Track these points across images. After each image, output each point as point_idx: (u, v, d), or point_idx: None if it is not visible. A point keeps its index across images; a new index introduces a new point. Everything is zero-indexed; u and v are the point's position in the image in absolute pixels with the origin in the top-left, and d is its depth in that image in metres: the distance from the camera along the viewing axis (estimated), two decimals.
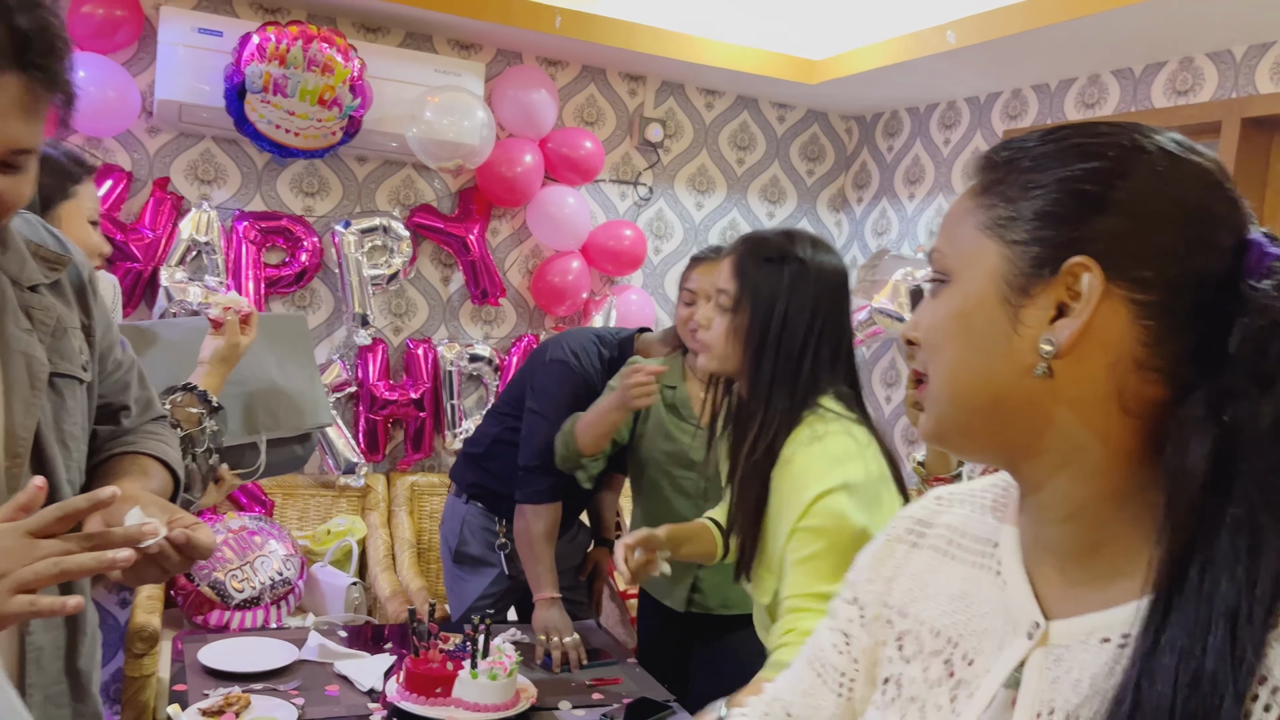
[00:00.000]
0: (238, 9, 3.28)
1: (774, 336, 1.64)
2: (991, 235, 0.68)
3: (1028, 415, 0.67)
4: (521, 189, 3.55)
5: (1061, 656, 0.66)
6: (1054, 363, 0.65)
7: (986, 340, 0.68)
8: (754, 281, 1.66)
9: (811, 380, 1.65)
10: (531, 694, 1.94)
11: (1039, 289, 0.66)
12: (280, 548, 3.04)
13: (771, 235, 1.72)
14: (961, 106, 3.78)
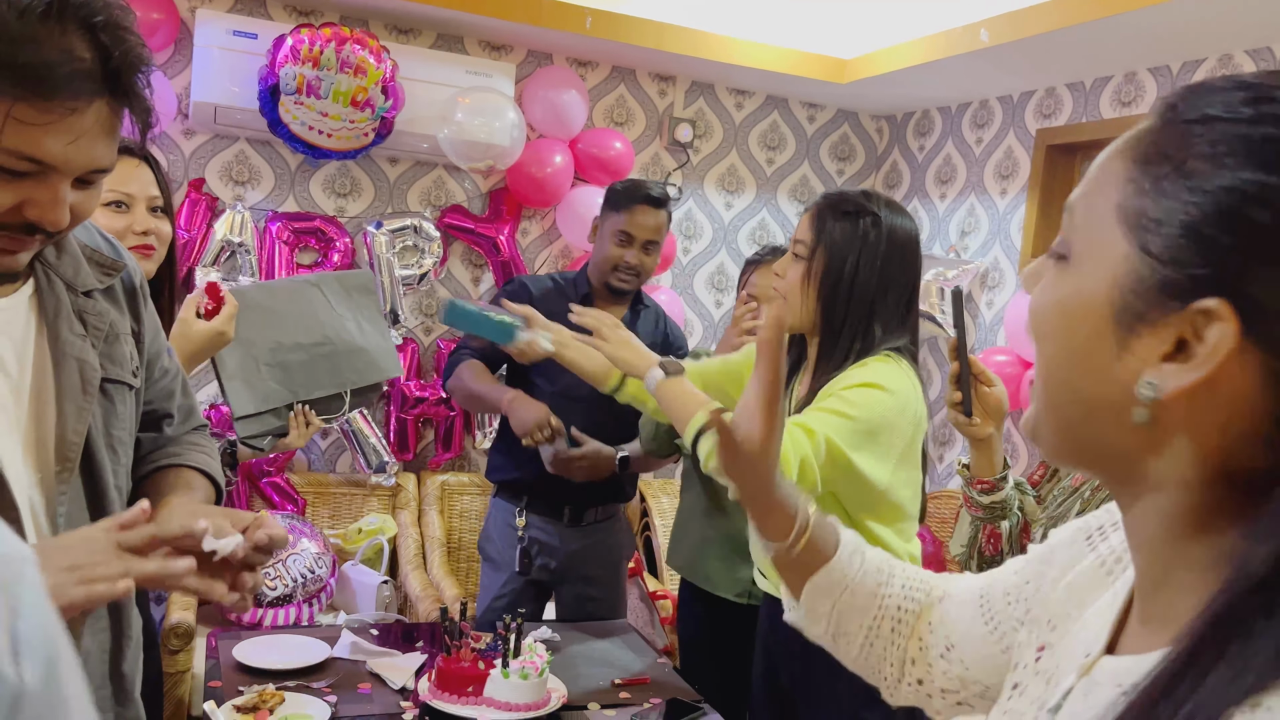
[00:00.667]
0: (272, 11, 3.31)
1: (846, 284, 1.74)
2: (1126, 229, 0.56)
3: (1115, 447, 0.58)
4: (551, 189, 3.56)
5: (1090, 692, 0.62)
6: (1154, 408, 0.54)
7: (1086, 354, 0.58)
8: (830, 232, 1.76)
9: (881, 331, 1.75)
10: (562, 694, 1.94)
11: (1160, 316, 0.54)
12: (312, 546, 3.06)
13: (850, 191, 1.82)
14: (994, 105, 3.75)
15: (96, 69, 0.92)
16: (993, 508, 1.56)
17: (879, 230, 1.75)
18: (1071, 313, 0.59)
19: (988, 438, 1.53)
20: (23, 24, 0.87)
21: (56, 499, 1.04)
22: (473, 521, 3.61)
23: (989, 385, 1.52)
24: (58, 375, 1.04)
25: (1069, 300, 0.59)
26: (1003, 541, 1.57)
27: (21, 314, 1.04)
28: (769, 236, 4.15)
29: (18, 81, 0.87)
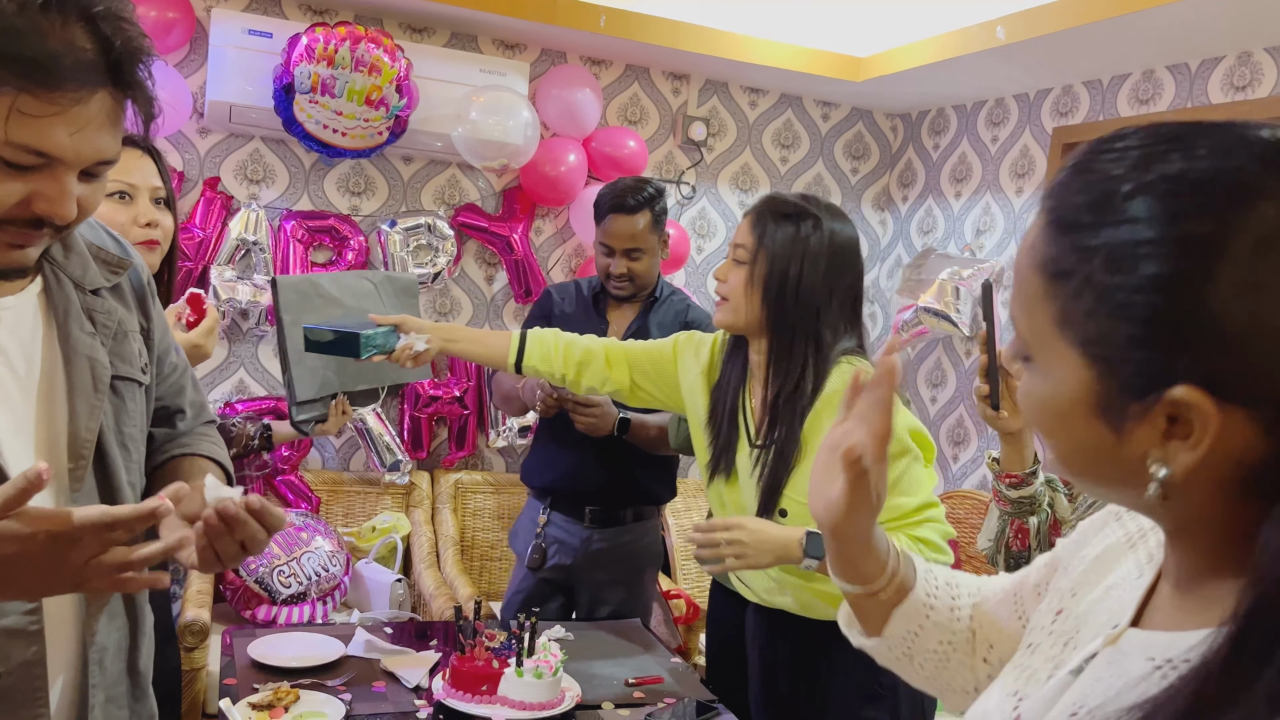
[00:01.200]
0: (287, 10, 3.32)
1: (792, 288, 1.77)
2: (1071, 344, 0.60)
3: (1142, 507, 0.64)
4: (565, 188, 3.55)
5: (1116, 661, 0.65)
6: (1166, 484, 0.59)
7: (1090, 443, 0.62)
8: (772, 236, 1.78)
9: (830, 334, 1.77)
10: (576, 693, 1.94)
11: (1140, 409, 0.58)
12: (326, 544, 3.07)
13: (788, 195, 1.85)
14: (1010, 104, 3.73)
15: (98, 59, 0.91)
16: (1021, 502, 1.55)
17: (820, 233, 1.78)
18: (1060, 413, 0.63)
19: (1017, 432, 1.52)
20: (24, 16, 0.87)
21: (70, 497, 1.03)
22: (486, 520, 3.61)
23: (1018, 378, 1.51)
24: (69, 373, 1.04)
25: (1051, 403, 0.63)
26: (1030, 537, 1.56)
27: (29, 312, 1.04)
28: None
29: (21, 74, 0.87)
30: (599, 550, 2.55)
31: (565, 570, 2.57)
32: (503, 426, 3.63)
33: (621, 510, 2.54)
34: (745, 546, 1.71)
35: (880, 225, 4.32)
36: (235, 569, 2.96)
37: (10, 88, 0.86)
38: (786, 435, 1.78)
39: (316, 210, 3.44)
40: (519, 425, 3.66)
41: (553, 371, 2.07)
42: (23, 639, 0.99)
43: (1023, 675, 0.76)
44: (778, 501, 1.82)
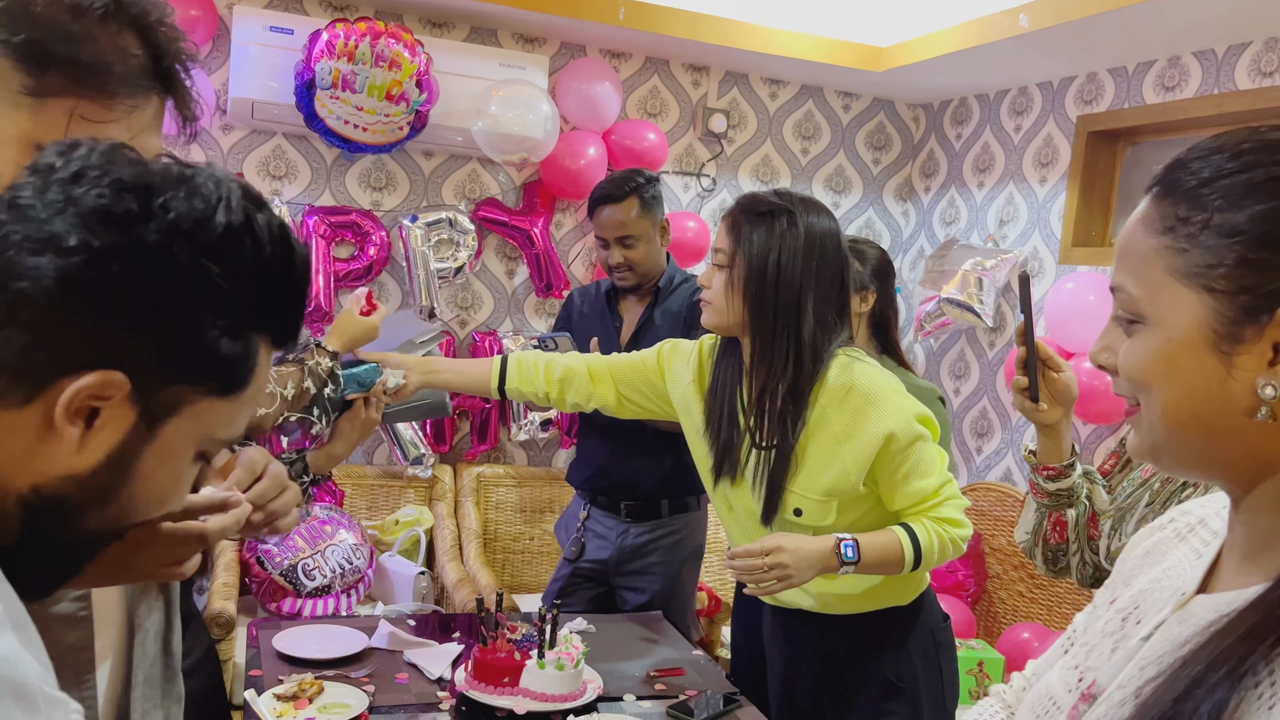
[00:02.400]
0: (308, 7, 3.33)
1: (771, 285, 1.76)
2: (1190, 283, 0.67)
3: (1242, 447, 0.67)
4: (585, 181, 3.55)
5: (1184, 622, 0.70)
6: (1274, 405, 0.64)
7: (1198, 382, 0.67)
8: (748, 237, 1.79)
9: (814, 326, 1.77)
10: (598, 685, 1.95)
11: (1253, 334, 0.65)
12: (350, 537, 3.09)
13: (763, 193, 1.85)
14: (1033, 92, 3.69)
15: (149, 66, 0.93)
16: (1059, 495, 1.53)
17: (795, 228, 1.77)
18: (1173, 357, 0.68)
19: (1055, 424, 1.50)
20: (81, 24, 0.88)
21: None
22: (508, 513, 3.63)
23: (1057, 370, 1.49)
24: None
25: (1165, 349, 0.68)
26: (1068, 530, 1.54)
27: None
28: None
29: (81, 80, 0.88)
30: (636, 544, 2.59)
31: (602, 563, 2.63)
32: (524, 420, 3.64)
33: (658, 503, 2.57)
34: (788, 568, 1.71)
35: (902, 216, 4.29)
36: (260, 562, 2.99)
37: (70, 94, 0.88)
38: (784, 433, 1.79)
39: (339, 205, 3.46)
40: (540, 419, 3.67)
41: (535, 391, 2.10)
42: (71, 624, 1.01)
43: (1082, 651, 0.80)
44: (781, 500, 1.81)
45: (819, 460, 1.78)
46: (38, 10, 0.87)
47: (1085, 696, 0.75)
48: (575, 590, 2.66)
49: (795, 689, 1.97)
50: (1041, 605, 3.28)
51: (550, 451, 3.81)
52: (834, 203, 4.16)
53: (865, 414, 1.75)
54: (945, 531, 1.77)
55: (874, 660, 1.88)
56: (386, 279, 3.56)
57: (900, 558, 1.76)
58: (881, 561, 1.77)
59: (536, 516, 3.65)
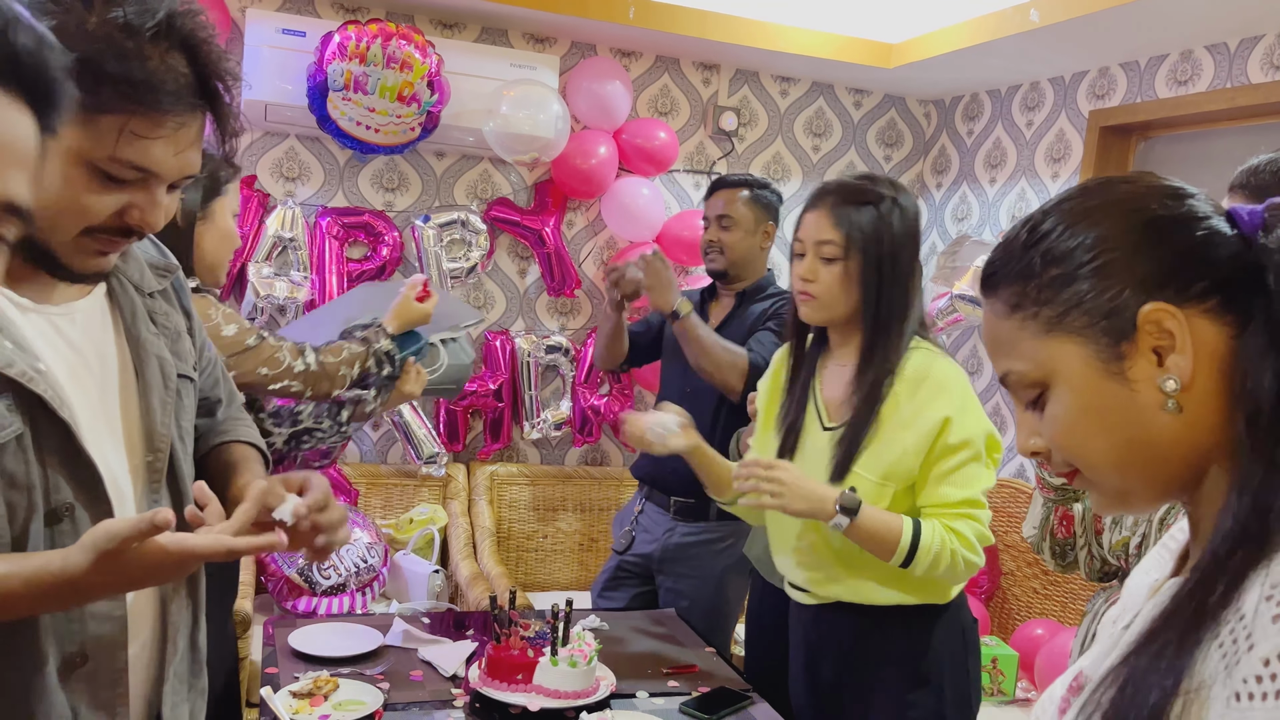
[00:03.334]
0: (319, 9, 3.35)
1: (888, 273, 1.77)
2: (1058, 335, 0.73)
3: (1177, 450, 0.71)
4: (596, 181, 3.56)
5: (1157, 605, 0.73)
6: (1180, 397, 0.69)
7: (1116, 414, 0.72)
8: (859, 226, 1.77)
9: (918, 304, 1.82)
10: (611, 682, 1.95)
11: (1129, 349, 0.71)
12: (365, 536, 3.11)
13: (854, 181, 1.83)
14: (1045, 87, 3.68)
15: (196, 84, 0.98)
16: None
17: (898, 211, 1.79)
18: (1086, 406, 0.73)
19: None
20: (134, 42, 0.92)
21: (149, 489, 1.11)
22: (521, 511, 3.64)
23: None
24: (143, 372, 1.11)
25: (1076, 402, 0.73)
26: (1075, 524, 1.54)
27: (99, 315, 1.10)
28: None
29: (133, 97, 0.92)
30: (681, 543, 2.63)
31: (647, 558, 2.68)
32: (537, 419, 3.65)
33: (707, 506, 2.59)
34: (783, 486, 1.74)
35: None
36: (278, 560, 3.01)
37: (121, 110, 0.92)
38: (866, 415, 1.79)
39: (351, 206, 3.48)
40: (553, 419, 3.68)
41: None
42: (107, 623, 1.05)
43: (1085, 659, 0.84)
44: (845, 479, 1.81)
45: (883, 443, 1.78)
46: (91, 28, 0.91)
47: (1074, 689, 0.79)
48: (620, 585, 2.73)
49: (818, 676, 1.96)
50: (1055, 602, 3.27)
51: (563, 450, 3.83)
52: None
53: (933, 400, 1.76)
54: (952, 542, 1.74)
55: (901, 651, 1.86)
56: (400, 279, 3.57)
57: (895, 543, 1.73)
58: (874, 536, 1.74)
59: (550, 514, 3.66)
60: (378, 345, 1.99)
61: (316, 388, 1.93)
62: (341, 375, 1.96)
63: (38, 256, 0.99)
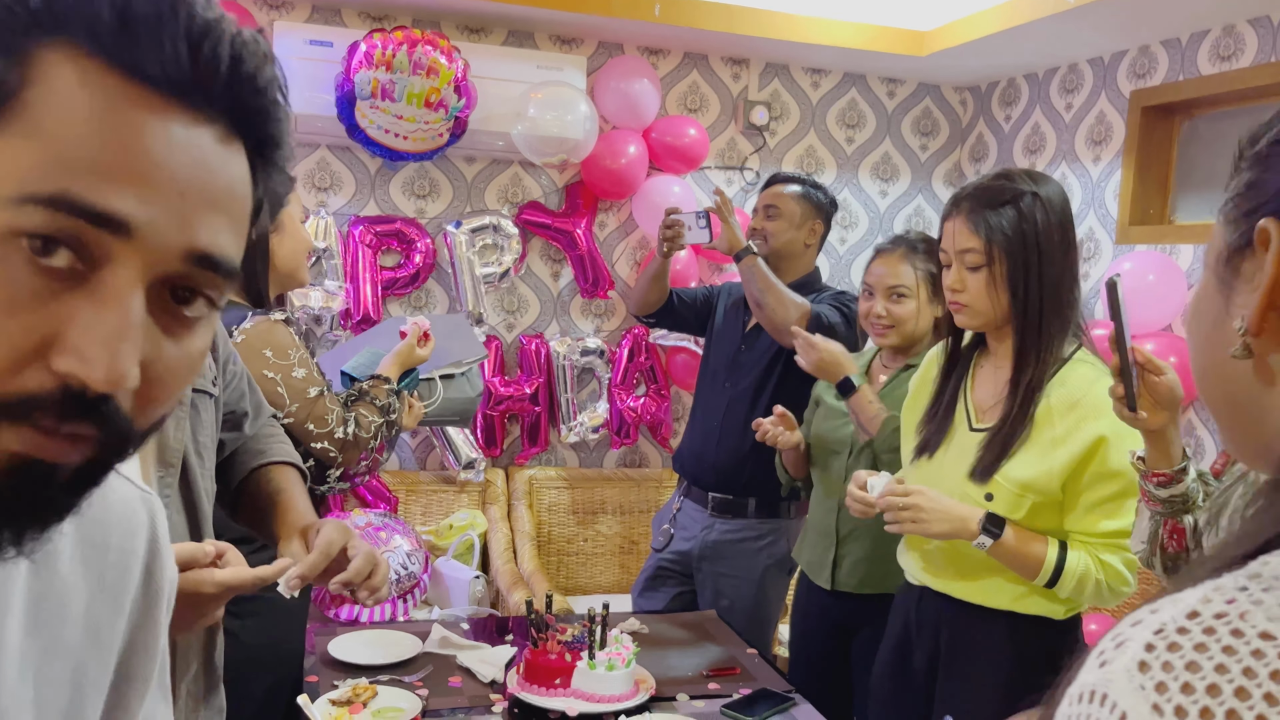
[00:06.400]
0: (346, 19, 3.37)
1: (1035, 276, 1.69)
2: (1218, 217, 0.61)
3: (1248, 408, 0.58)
4: (627, 181, 3.54)
5: None
6: (1252, 341, 0.55)
7: (1208, 328, 0.60)
8: (1001, 229, 1.69)
9: (1073, 299, 1.72)
10: (651, 685, 1.93)
11: (1243, 263, 0.57)
12: (405, 543, 3.11)
13: (990, 182, 1.74)
14: (1084, 69, 3.59)
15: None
16: (1172, 501, 1.45)
17: (1041, 205, 1.69)
18: (1196, 302, 0.62)
19: (1161, 429, 1.43)
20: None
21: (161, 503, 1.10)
22: (561, 515, 3.63)
23: (1158, 374, 1.42)
24: None
25: (1195, 294, 0.63)
26: (1187, 537, 1.47)
27: None
28: (851, 217, 4.06)
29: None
30: (720, 540, 2.60)
31: (685, 555, 2.67)
32: (574, 421, 3.63)
33: (745, 501, 2.58)
34: (922, 511, 1.72)
35: None
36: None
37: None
38: (1018, 421, 1.72)
39: (383, 215, 3.49)
40: (590, 421, 3.67)
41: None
42: None
43: None
44: (986, 484, 1.74)
45: (1030, 454, 1.72)
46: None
47: None
48: (660, 584, 2.72)
49: (909, 659, 1.90)
50: None
51: (601, 453, 3.81)
52: (881, 191, 4.09)
53: (1089, 420, 1.67)
54: (1098, 572, 1.68)
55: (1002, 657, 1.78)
56: (433, 286, 3.58)
57: (1039, 566, 1.69)
58: (1018, 557, 1.70)
59: (589, 518, 3.65)
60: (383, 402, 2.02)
61: (347, 456, 1.95)
62: (368, 446, 1.99)
63: None
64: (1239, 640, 0.43)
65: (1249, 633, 0.43)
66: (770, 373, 2.60)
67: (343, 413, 1.93)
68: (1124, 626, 0.47)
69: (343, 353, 2.39)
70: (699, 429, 2.72)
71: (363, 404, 1.99)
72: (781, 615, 3.16)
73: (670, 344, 3.72)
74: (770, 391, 2.58)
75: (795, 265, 2.66)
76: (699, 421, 2.73)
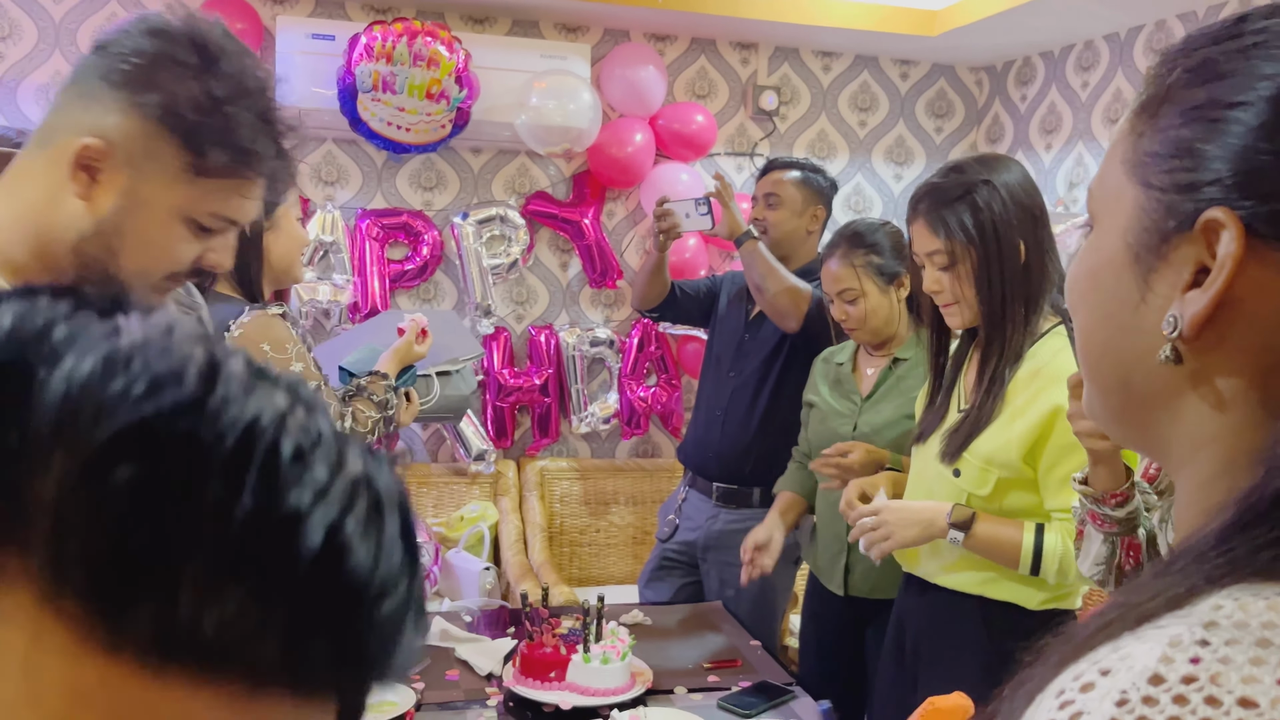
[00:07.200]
0: (350, 11, 3.36)
1: (996, 262, 1.65)
2: (1131, 174, 0.53)
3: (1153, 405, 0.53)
4: (634, 169, 3.51)
5: None
6: (1182, 345, 0.50)
7: (1112, 307, 0.54)
8: (961, 228, 1.67)
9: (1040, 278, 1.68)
10: (647, 678, 1.91)
11: (1175, 247, 0.50)
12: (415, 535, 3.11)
13: (942, 179, 1.71)
14: (1100, 46, 3.51)
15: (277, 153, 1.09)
16: (1130, 518, 1.40)
17: (996, 193, 1.65)
18: (1095, 271, 0.56)
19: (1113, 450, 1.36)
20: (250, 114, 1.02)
21: None
22: (573, 506, 3.62)
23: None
24: None
25: (1094, 260, 0.56)
26: (1142, 552, 1.41)
27: None
28: (865, 202, 4.00)
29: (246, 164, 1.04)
30: (724, 530, 2.57)
31: (690, 545, 2.64)
32: (585, 412, 3.62)
33: (749, 491, 2.56)
34: (890, 526, 1.72)
35: None
36: None
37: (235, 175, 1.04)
38: (984, 405, 1.71)
39: (390, 208, 3.49)
40: (601, 412, 3.65)
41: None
42: None
43: None
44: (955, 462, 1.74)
45: (996, 428, 1.70)
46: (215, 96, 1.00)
47: None
48: (666, 575, 2.69)
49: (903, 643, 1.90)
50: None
51: (613, 443, 3.79)
52: (896, 175, 4.03)
53: (1046, 390, 1.65)
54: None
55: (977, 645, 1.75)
56: (441, 278, 3.57)
57: (1015, 552, 1.66)
58: (994, 546, 1.68)
59: (601, 509, 3.63)
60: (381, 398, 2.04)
61: None
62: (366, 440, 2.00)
63: None
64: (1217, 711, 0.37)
65: (1226, 700, 0.37)
66: (774, 361, 2.57)
67: (340, 407, 1.94)
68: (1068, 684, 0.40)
69: (338, 345, 2.38)
70: (703, 419, 2.69)
71: (360, 399, 1.99)
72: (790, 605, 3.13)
73: (680, 333, 3.69)
74: (774, 379, 2.55)
75: (798, 253, 2.62)
76: (703, 411, 2.71)
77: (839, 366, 2.31)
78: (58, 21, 3.22)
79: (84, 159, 0.97)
